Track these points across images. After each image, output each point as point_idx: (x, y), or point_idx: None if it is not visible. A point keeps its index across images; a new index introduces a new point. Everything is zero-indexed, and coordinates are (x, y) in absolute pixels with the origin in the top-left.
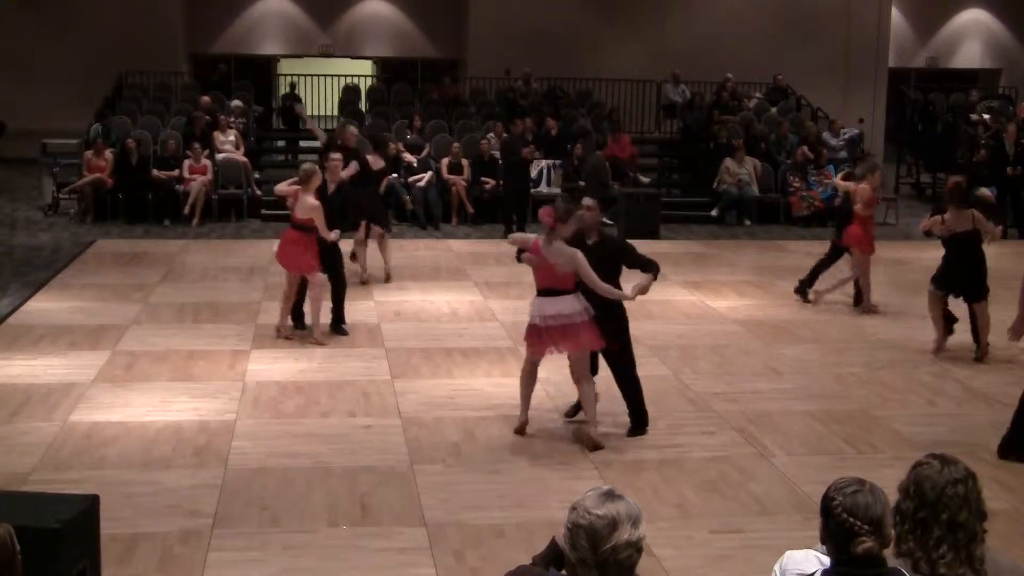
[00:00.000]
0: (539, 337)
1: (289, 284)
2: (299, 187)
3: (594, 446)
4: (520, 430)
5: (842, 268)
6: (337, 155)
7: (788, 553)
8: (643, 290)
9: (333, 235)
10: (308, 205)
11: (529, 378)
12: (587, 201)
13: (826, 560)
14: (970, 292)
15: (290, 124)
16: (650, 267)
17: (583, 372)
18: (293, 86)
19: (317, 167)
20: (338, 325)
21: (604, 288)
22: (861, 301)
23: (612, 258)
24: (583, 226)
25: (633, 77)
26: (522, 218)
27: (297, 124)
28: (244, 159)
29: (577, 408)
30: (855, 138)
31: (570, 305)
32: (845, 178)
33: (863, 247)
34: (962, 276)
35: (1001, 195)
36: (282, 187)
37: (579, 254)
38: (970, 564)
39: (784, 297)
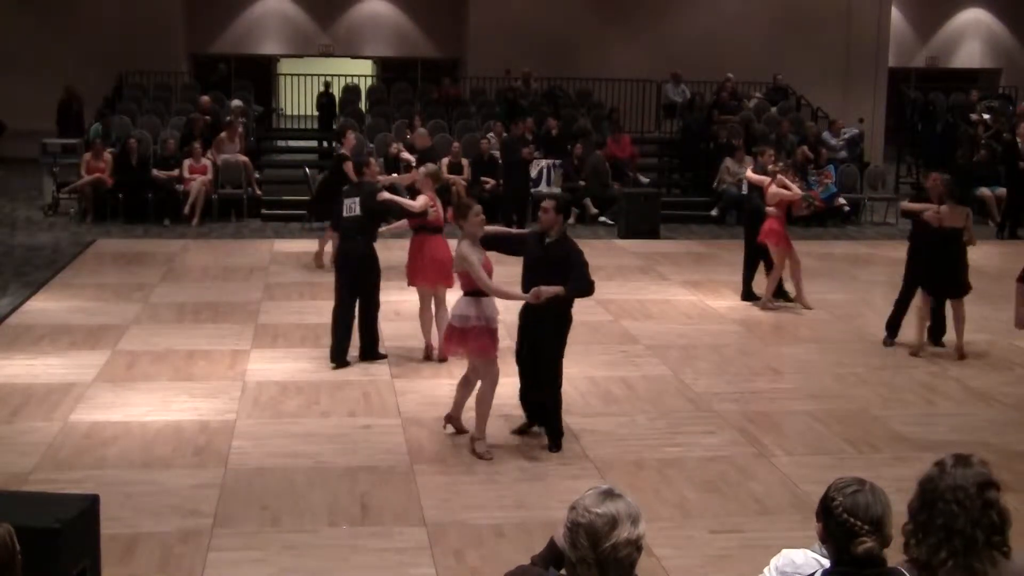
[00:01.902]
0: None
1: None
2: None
3: (475, 453)
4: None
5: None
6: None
7: (784, 552)
8: (542, 296)
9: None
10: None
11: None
12: (544, 203)
13: (825, 561)
14: (952, 289)
15: (324, 123)
16: (574, 284)
17: (484, 374)
18: (327, 85)
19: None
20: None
21: (494, 288)
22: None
23: (560, 261)
24: (541, 226)
25: (633, 77)
26: (522, 218)
27: (330, 123)
28: (245, 158)
29: (526, 426)
30: (855, 138)
31: (461, 307)
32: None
33: (778, 242)
34: (945, 273)
35: (1010, 194)
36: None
37: (469, 254)
38: (968, 573)
39: (784, 297)
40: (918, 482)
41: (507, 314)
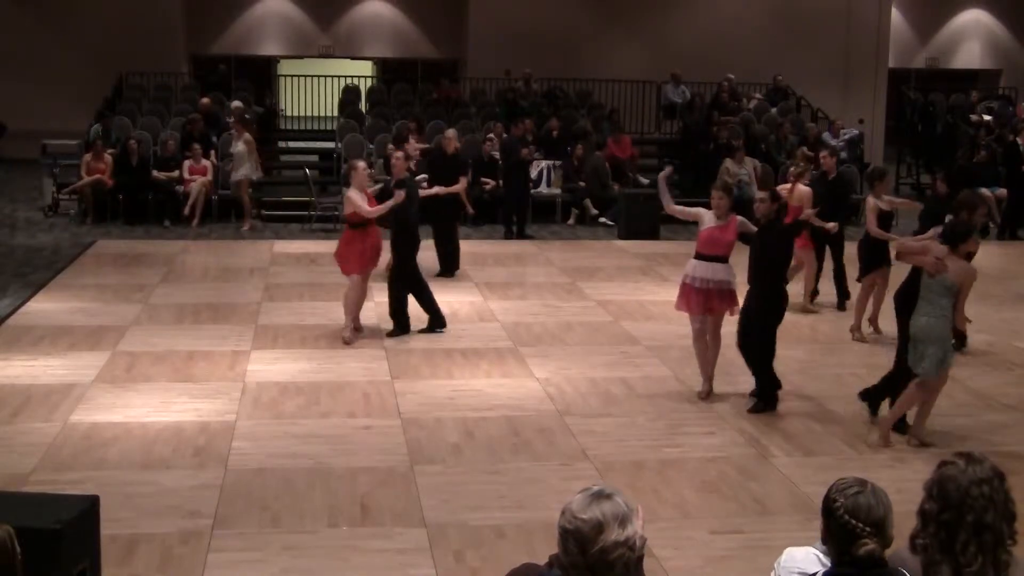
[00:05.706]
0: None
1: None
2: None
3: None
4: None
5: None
6: (399, 153)
7: (788, 550)
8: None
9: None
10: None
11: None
12: (760, 195)
13: (827, 560)
14: None
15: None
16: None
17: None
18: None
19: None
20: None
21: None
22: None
23: (777, 238)
24: (760, 214)
25: (633, 78)
26: (522, 219)
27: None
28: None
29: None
30: (855, 139)
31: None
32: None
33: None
34: None
35: (1011, 195)
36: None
37: (699, 215)
38: (995, 568)
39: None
40: (935, 483)
41: (506, 315)
